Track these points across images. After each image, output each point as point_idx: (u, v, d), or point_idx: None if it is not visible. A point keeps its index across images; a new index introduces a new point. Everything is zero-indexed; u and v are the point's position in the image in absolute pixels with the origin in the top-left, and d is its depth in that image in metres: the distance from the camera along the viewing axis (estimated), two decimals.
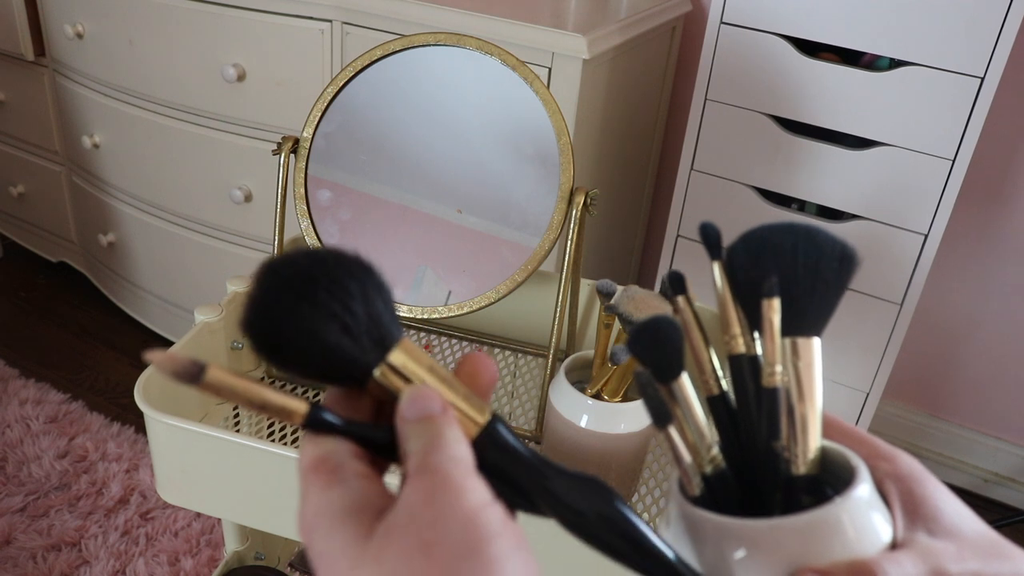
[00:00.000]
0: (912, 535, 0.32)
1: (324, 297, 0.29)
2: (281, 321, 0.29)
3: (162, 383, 0.73)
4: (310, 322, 0.29)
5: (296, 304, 0.29)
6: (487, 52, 0.79)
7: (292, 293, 0.29)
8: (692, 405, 0.35)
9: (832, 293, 0.35)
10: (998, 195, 1.46)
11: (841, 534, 0.31)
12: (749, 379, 0.36)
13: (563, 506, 0.31)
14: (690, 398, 0.35)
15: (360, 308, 0.30)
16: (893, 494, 0.33)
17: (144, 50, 1.50)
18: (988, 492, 1.68)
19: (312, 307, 0.29)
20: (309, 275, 0.30)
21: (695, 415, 0.35)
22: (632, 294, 0.71)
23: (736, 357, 0.36)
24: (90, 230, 1.88)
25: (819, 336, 0.35)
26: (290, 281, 0.29)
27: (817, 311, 0.35)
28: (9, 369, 1.75)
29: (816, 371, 0.34)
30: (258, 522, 0.74)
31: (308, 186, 0.84)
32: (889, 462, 0.34)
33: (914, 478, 0.34)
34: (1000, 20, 1.01)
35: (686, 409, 0.34)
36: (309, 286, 0.29)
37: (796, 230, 0.35)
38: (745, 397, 0.36)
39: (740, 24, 1.15)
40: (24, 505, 1.43)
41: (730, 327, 0.37)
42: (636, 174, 1.57)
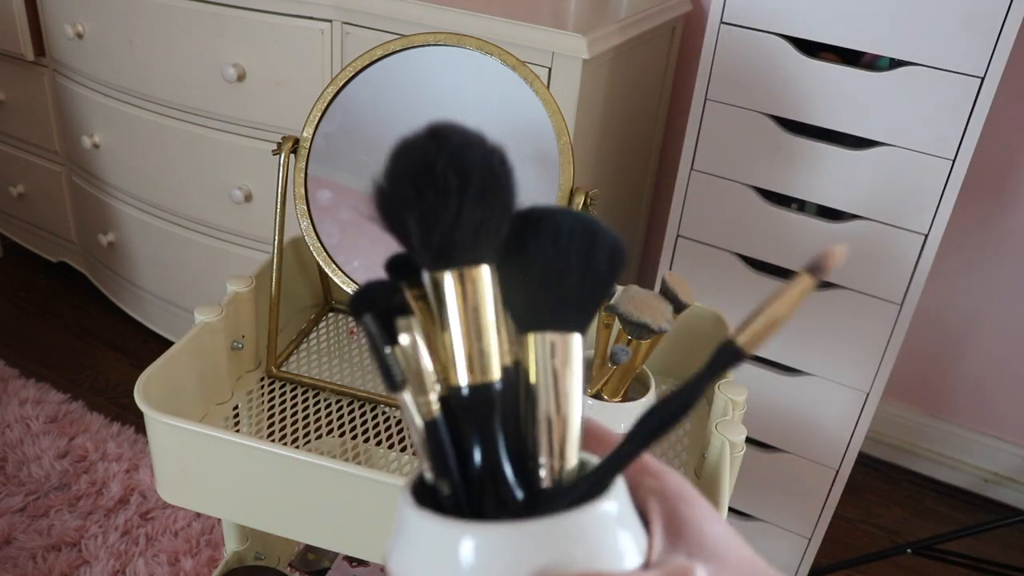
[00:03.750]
0: (670, 556, 0.30)
1: (430, 189, 0.29)
2: (392, 191, 0.30)
3: (162, 383, 0.73)
4: (406, 201, 0.30)
5: (407, 183, 0.30)
6: (487, 52, 0.79)
7: (411, 168, 0.30)
8: (418, 366, 0.32)
9: (600, 287, 0.32)
10: (998, 195, 1.46)
11: (582, 546, 0.28)
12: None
13: None
14: (423, 358, 0.32)
15: (451, 210, 0.29)
16: (656, 512, 0.31)
17: (144, 50, 1.50)
18: (988, 492, 1.68)
19: (415, 192, 0.29)
20: (430, 160, 0.30)
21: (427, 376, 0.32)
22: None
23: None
24: (90, 230, 1.88)
25: (582, 334, 0.32)
26: (416, 158, 0.30)
27: (584, 305, 0.32)
28: (9, 369, 1.75)
29: (575, 370, 0.32)
30: (258, 522, 0.74)
31: (308, 186, 0.84)
32: (656, 478, 0.32)
33: (680, 497, 0.32)
34: (1000, 20, 1.01)
35: (421, 369, 0.32)
36: (426, 168, 0.29)
37: (574, 215, 0.33)
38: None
39: (740, 24, 1.15)
40: (24, 505, 1.43)
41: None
42: (636, 174, 1.56)
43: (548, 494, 0.31)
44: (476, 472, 0.31)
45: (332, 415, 0.83)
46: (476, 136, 0.31)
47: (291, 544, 1.08)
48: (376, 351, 0.31)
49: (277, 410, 0.83)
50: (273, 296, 0.85)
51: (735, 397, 0.73)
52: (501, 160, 0.31)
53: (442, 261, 0.30)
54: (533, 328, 0.32)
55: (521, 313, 0.32)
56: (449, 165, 0.29)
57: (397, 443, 0.81)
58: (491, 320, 0.31)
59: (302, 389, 0.86)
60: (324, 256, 0.84)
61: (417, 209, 0.30)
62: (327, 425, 0.82)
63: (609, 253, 0.32)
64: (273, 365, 0.86)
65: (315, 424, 0.82)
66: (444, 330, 0.31)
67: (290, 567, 1.06)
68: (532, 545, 0.28)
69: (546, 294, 0.32)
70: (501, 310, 0.32)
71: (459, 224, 0.29)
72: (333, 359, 0.91)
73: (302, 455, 0.65)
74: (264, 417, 0.82)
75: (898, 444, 1.72)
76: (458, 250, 0.30)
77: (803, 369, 1.31)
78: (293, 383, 0.86)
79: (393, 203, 0.30)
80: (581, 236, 0.32)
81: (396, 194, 0.30)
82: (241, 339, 0.84)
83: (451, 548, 0.29)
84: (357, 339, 0.95)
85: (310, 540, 0.73)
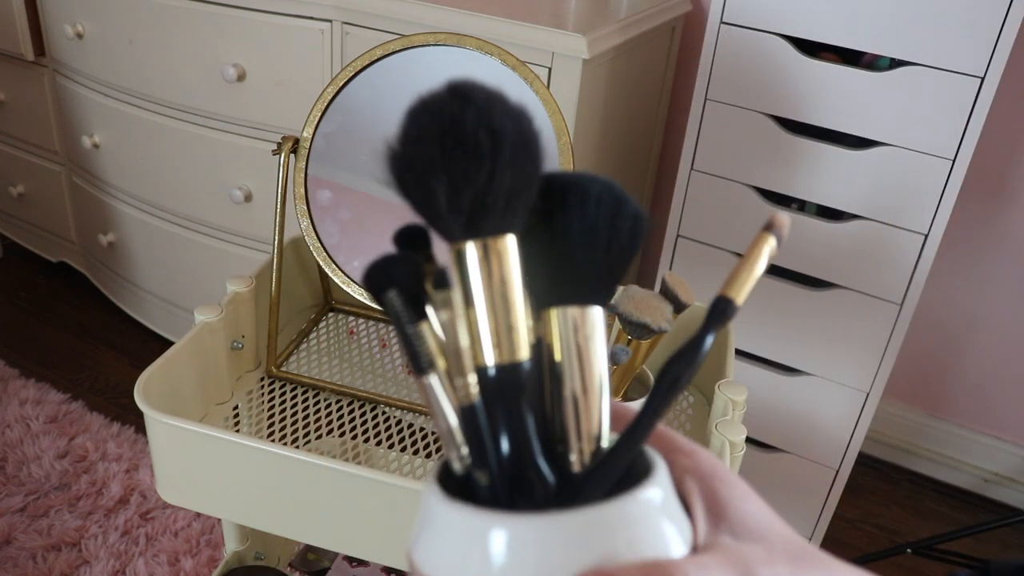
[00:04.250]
0: (716, 539, 0.29)
1: (459, 150, 0.27)
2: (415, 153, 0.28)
3: (162, 383, 0.73)
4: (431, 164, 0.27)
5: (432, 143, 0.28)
6: (487, 52, 0.79)
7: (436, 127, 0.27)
8: (457, 345, 0.29)
9: (624, 258, 0.31)
10: (998, 195, 1.46)
11: (624, 537, 0.27)
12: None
13: None
14: (460, 335, 0.30)
15: (483, 174, 0.27)
16: (694, 493, 0.30)
17: (144, 50, 1.50)
18: (988, 492, 1.68)
19: (443, 154, 0.27)
20: (458, 119, 0.27)
21: (463, 359, 0.29)
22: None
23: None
24: (90, 230, 1.88)
25: (603, 307, 0.31)
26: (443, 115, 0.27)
27: (608, 276, 0.31)
28: (9, 369, 1.74)
29: (600, 346, 0.30)
30: (258, 522, 0.74)
31: (308, 186, 0.84)
32: (689, 457, 0.31)
33: (717, 477, 0.31)
34: (1000, 20, 1.01)
35: (452, 335, 0.29)
36: (454, 127, 0.27)
37: (599, 180, 0.31)
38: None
39: (740, 24, 1.15)
40: (24, 505, 1.43)
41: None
42: (636, 174, 1.57)
43: (580, 480, 0.30)
44: (506, 460, 0.29)
45: (332, 415, 0.83)
46: (499, 95, 0.29)
47: (291, 544, 1.08)
48: (403, 331, 0.29)
49: (277, 410, 0.83)
50: (273, 296, 0.85)
51: (735, 397, 0.73)
52: (529, 122, 0.29)
53: (471, 230, 0.28)
54: (556, 302, 0.30)
55: (543, 286, 0.30)
56: (480, 124, 0.27)
57: (397, 443, 0.81)
58: (519, 294, 0.29)
59: (302, 389, 0.86)
60: (324, 256, 0.84)
61: (445, 172, 0.27)
62: (327, 425, 0.82)
63: (632, 220, 0.30)
64: (273, 365, 0.86)
65: (315, 424, 0.82)
66: (468, 305, 0.29)
67: (290, 567, 1.06)
68: (574, 537, 0.26)
69: (570, 266, 0.30)
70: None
71: (491, 190, 0.27)
72: (333, 359, 0.91)
73: (302, 455, 0.65)
74: (264, 417, 0.82)
75: (898, 444, 1.72)
76: (488, 218, 0.28)
77: (803, 369, 1.31)
78: (293, 383, 0.86)
79: (415, 166, 0.28)
80: (608, 203, 0.30)
81: (419, 156, 0.28)
82: (241, 339, 0.84)
83: (485, 542, 0.27)
84: (357, 339, 0.95)
85: (310, 540, 0.73)
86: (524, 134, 0.28)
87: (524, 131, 0.28)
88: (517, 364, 0.29)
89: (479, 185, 0.27)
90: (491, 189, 0.27)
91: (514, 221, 0.29)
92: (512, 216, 0.28)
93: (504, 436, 0.29)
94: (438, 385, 0.29)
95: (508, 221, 0.28)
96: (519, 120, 0.28)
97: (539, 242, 0.30)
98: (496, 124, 0.27)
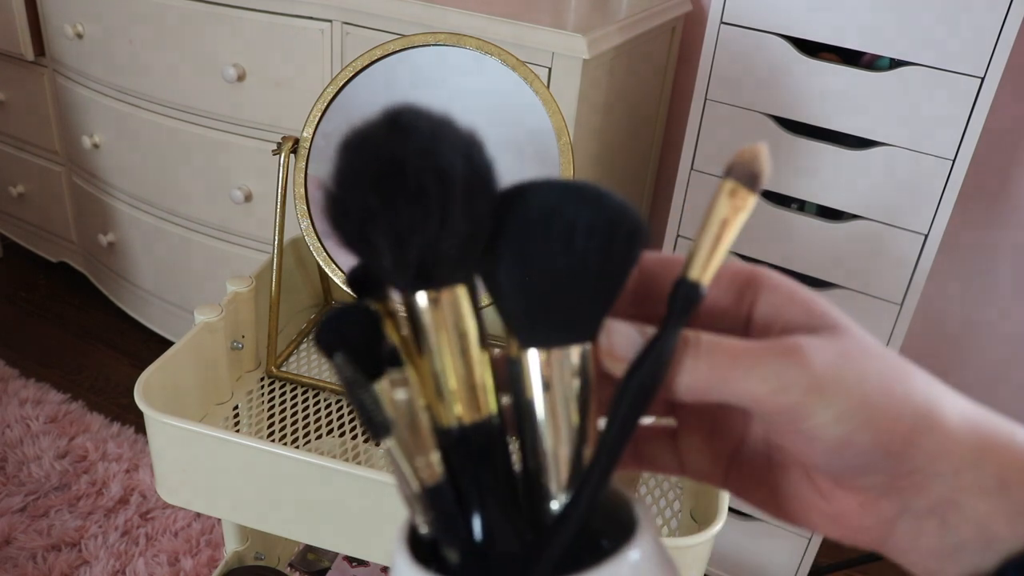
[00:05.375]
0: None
1: (401, 197, 0.24)
2: (351, 199, 0.24)
3: (162, 383, 0.73)
4: (370, 212, 0.24)
5: (369, 188, 0.24)
6: (487, 52, 0.79)
7: (373, 169, 0.24)
8: (414, 406, 0.26)
9: (616, 283, 0.26)
10: (998, 195, 1.46)
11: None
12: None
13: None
14: (408, 418, 0.26)
15: (432, 223, 0.24)
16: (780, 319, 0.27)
17: (144, 50, 1.50)
18: None
19: (382, 201, 0.24)
20: (398, 158, 0.24)
21: (419, 418, 0.26)
22: None
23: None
24: (90, 230, 1.88)
25: (593, 341, 0.27)
26: (381, 157, 0.24)
27: (598, 307, 0.26)
28: (9, 369, 1.74)
29: (582, 387, 0.26)
30: (258, 522, 0.74)
31: (308, 186, 0.84)
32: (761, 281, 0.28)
33: (789, 289, 0.28)
34: (1000, 20, 1.01)
35: (408, 413, 0.26)
36: (393, 169, 0.24)
37: (589, 203, 0.26)
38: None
39: (740, 24, 1.15)
40: (24, 505, 1.43)
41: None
42: (636, 174, 1.56)
43: (559, 532, 0.27)
44: (476, 531, 0.27)
45: (332, 415, 0.83)
46: (444, 121, 0.25)
47: (291, 544, 1.08)
48: (355, 397, 0.25)
49: (277, 410, 0.83)
50: (273, 296, 0.85)
51: None
52: (480, 151, 0.25)
53: (420, 282, 0.25)
54: (538, 342, 0.26)
55: (521, 324, 0.26)
56: (423, 165, 0.24)
57: None
58: (477, 347, 0.26)
59: (302, 389, 0.86)
60: (324, 256, 0.84)
61: (386, 222, 0.24)
62: (327, 425, 0.82)
63: (627, 239, 0.26)
64: (273, 365, 0.86)
65: (315, 424, 0.82)
66: (423, 358, 0.26)
67: (290, 567, 1.06)
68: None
69: (555, 301, 0.26)
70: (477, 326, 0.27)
71: (441, 239, 0.24)
72: None
73: (302, 455, 0.65)
74: (264, 417, 0.82)
75: None
76: (440, 267, 0.25)
77: None
78: (293, 383, 0.86)
79: (353, 214, 0.24)
80: (601, 232, 0.25)
81: (356, 203, 0.24)
82: (241, 339, 0.84)
83: None
84: None
85: (310, 540, 0.73)
86: (477, 169, 0.25)
87: (476, 165, 0.25)
88: (483, 422, 0.26)
89: (427, 235, 0.24)
90: (441, 237, 0.24)
91: (469, 266, 0.26)
92: (467, 262, 0.25)
93: (474, 505, 0.27)
94: (397, 451, 0.26)
95: (463, 268, 0.25)
96: (470, 152, 0.25)
97: (515, 278, 0.26)
98: (444, 162, 0.24)
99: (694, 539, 0.61)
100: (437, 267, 0.25)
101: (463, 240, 0.24)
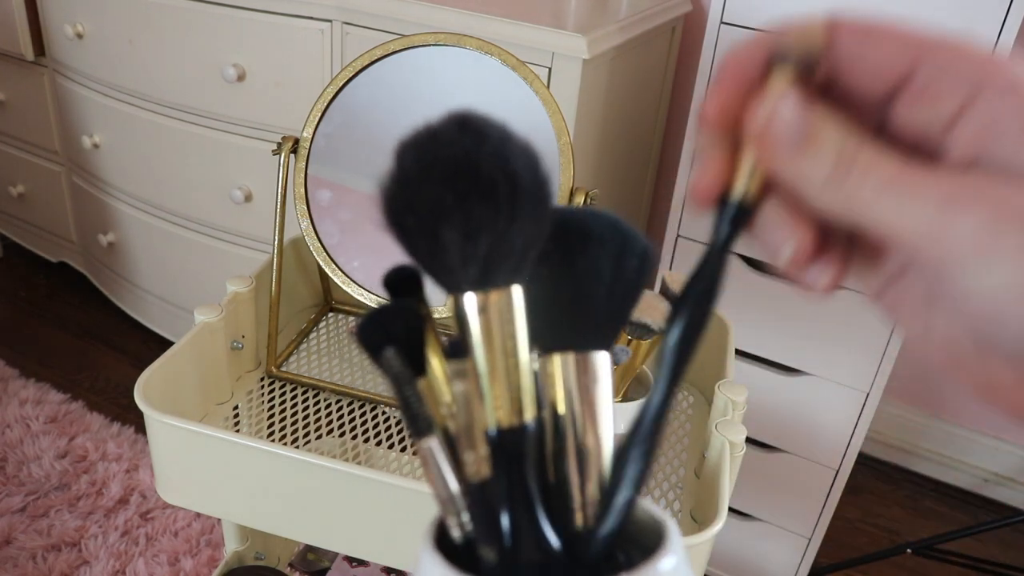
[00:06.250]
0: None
1: (475, 195, 0.24)
2: (422, 196, 0.24)
3: (162, 383, 0.73)
4: (442, 209, 0.24)
5: (442, 185, 0.24)
6: (487, 52, 0.79)
7: (448, 167, 0.24)
8: (471, 418, 0.26)
9: (629, 298, 0.28)
10: None
11: None
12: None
13: None
14: (465, 412, 0.27)
15: (501, 223, 0.24)
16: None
17: (144, 50, 1.50)
18: (988, 492, 1.68)
19: (456, 198, 0.24)
20: (473, 158, 0.24)
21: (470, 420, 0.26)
22: None
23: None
24: (90, 230, 1.88)
25: (608, 350, 0.28)
26: (451, 159, 0.24)
27: (613, 319, 0.28)
28: (9, 369, 1.75)
29: (607, 395, 0.28)
30: (258, 522, 0.74)
31: (308, 186, 0.84)
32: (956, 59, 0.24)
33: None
34: (1000, 20, 1.01)
35: (465, 405, 0.27)
36: (469, 168, 0.24)
37: (602, 217, 0.28)
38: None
39: (740, 24, 1.15)
40: (24, 505, 1.43)
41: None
42: (636, 174, 1.57)
43: (587, 542, 0.27)
44: (512, 533, 0.27)
45: (332, 415, 0.83)
46: (510, 131, 0.26)
47: (291, 544, 1.08)
48: (401, 393, 0.26)
49: (277, 410, 0.83)
50: (273, 296, 0.85)
51: (735, 397, 0.73)
52: (540, 162, 0.26)
53: (480, 282, 0.25)
54: (556, 348, 0.28)
55: (543, 330, 0.28)
56: (496, 166, 0.24)
57: (397, 443, 0.81)
58: (526, 350, 0.27)
59: (302, 389, 0.86)
60: (324, 256, 0.84)
61: (459, 218, 0.24)
62: (327, 425, 0.82)
63: (640, 259, 0.28)
64: (273, 365, 0.86)
65: (315, 424, 0.82)
66: (469, 361, 0.26)
67: (290, 567, 1.06)
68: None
69: (573, 310, 0.28)
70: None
71: (506, 239, 0.25)
72: (333, 359, 0.91)
73: (302, 455, 0.65)
74: (264, 417, 0.82)
75: (898, 444, 1.72)
76: (502, 269, 0.25)
77: (803, 369, 1.31)
78: (293, 383, 0.86)
79: (421, 209, 0.24)
80: (612, 242, 0.28)
81: (426, 198, 0.24)
82: (241, 339, 0.84)
83: None
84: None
85: (310, 540, 0.73)
86: (539, 177, 0.26)
87: (538, 174, 0.26)
88: (523, 427, 0.27)
89: (495, 235, 0.24)
90: (507, 239, 0.25)
91: (524, 271, 0.26)
92: (524, 266, 0.26)
93: (508, 507, 0.27)
94: (438, 449, 0.27)
95: (519, 272, 0.26)
96: (533, 161, 0.26)
97: (538, 283, 0.27)
98: (514, 166, 0.25)
99: (694, 539, 0.61)
100: (500, 267, 0.25)
101: (525, 243, 0.25)
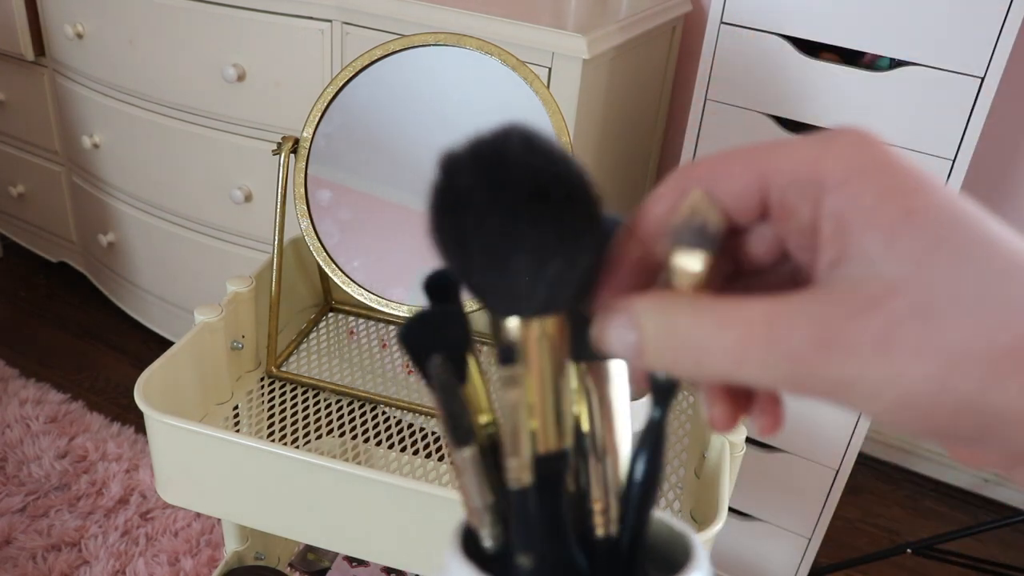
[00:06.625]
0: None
1: (548, 220, 0.23)
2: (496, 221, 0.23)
3: (162, 383, 0.73)
4: (516, 236, 0.23)
5: (515, 210, 0.23)
6: (487, 52, 0.79)
7: (522, 191, 0.23)
8: (518, 424, 0.26)
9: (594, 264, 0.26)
10: (998, 195, 1.46)
11: None
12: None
13: None
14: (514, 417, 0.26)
15: (567, 251, 0.23)
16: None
17: (144, 50, 1.50)
18: (988, 492, 1.68)
19: (529, 222, 0.23)
20: (544, 185, 0.23)
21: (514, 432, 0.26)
22: None
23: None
24: (90, 230, 1.88)
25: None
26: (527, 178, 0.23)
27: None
28: (9, 369, 1.74)
29: (622, 393, 0.27)
30: (258, 522, 0.74)
31: (308, 186, 0.84)
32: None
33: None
34: (1000, 20, 1.01)
35: (513, 412, 0.26)
36: (540, 193, 0.23)
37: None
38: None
39: (740, 24, 1.15)
40: (24, 505, 1.43)
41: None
42: (636, 174, 1.56)
43: (612, 552, 0.27)
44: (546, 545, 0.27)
45: (332, 415, 0.83)
46: (563, 147, 0.25)
47: (291, 544, 1.08)
48: (446, 402, 0.25)
49: (277, 410, 0.83)
50: (273, 296, 0.85)
51: None
52: (592, 182, 0.25)
53: (546, 308, 0.24)
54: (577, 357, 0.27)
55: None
56: (566, 188, 0.23)
57: (397, 443, 0.81)
58: (572, 376, 0.26)
59: (302, 389, 0.86)
60: (324, 256, 0.84)
61: (533, 245, 0.23)
62: (327, 425, 0.82)
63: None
64: (273, 365, 0.86)
65: (315, 424, 0.82)
66: (517, 387, 0.26)
67: (290, 567, 1.06)
68: None
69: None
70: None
71: (576, 264, 0.24)
72: (333, 359, 0.91)
73: (302, 455, 0.65)
74: (264, 417, 0.82)
75: (898, 444, 1.72)
76: (566, 295, 0.24)
77: None
78: (293, 383, 0.86)
79: (491, 236, 0.23)
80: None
81: (498, 225, 0.23)
82: (241, 339, 0.84)
83: None
84: (357, 339, 0.95)
85: (310, 540, 0.73)
86: (596, 196, 0.24)
87: (594, 192, 0.24)
88: (563, 452, 0.26)
89: (566, 259, 0.23)
90: (576, 263, 0.24)
91: (585, 294, 0.25)
92: (585, 290, 0.25)
93: (546, 518, 0.27)
94: (476, 459, 0.26)
95: (580, 296, 0.25)
96: (588, 179, 0.24)
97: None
98: (582, 188, 0.24)
99: None
100: (564, 292, 0.24)
101: (590, 265, 0.24)
